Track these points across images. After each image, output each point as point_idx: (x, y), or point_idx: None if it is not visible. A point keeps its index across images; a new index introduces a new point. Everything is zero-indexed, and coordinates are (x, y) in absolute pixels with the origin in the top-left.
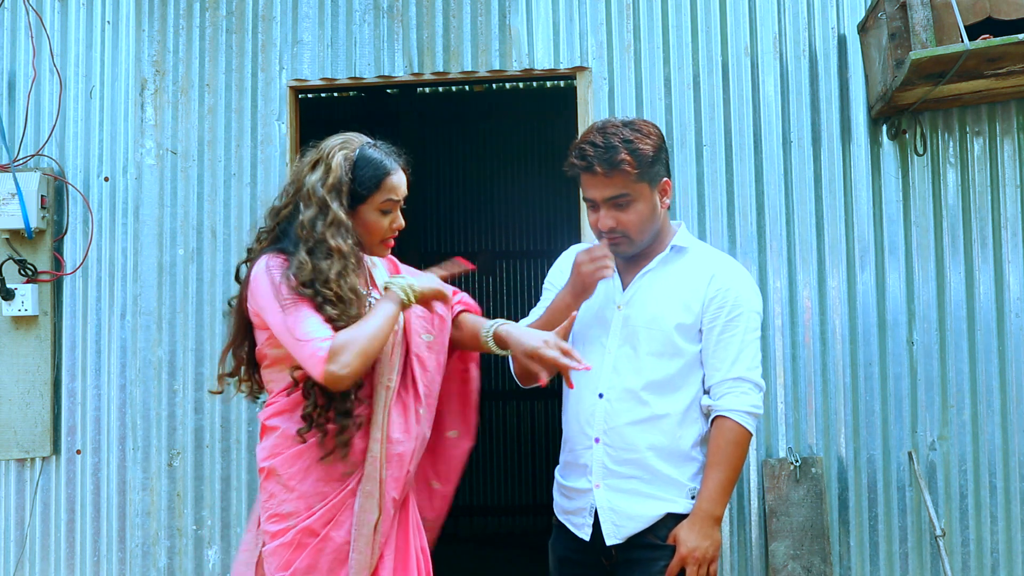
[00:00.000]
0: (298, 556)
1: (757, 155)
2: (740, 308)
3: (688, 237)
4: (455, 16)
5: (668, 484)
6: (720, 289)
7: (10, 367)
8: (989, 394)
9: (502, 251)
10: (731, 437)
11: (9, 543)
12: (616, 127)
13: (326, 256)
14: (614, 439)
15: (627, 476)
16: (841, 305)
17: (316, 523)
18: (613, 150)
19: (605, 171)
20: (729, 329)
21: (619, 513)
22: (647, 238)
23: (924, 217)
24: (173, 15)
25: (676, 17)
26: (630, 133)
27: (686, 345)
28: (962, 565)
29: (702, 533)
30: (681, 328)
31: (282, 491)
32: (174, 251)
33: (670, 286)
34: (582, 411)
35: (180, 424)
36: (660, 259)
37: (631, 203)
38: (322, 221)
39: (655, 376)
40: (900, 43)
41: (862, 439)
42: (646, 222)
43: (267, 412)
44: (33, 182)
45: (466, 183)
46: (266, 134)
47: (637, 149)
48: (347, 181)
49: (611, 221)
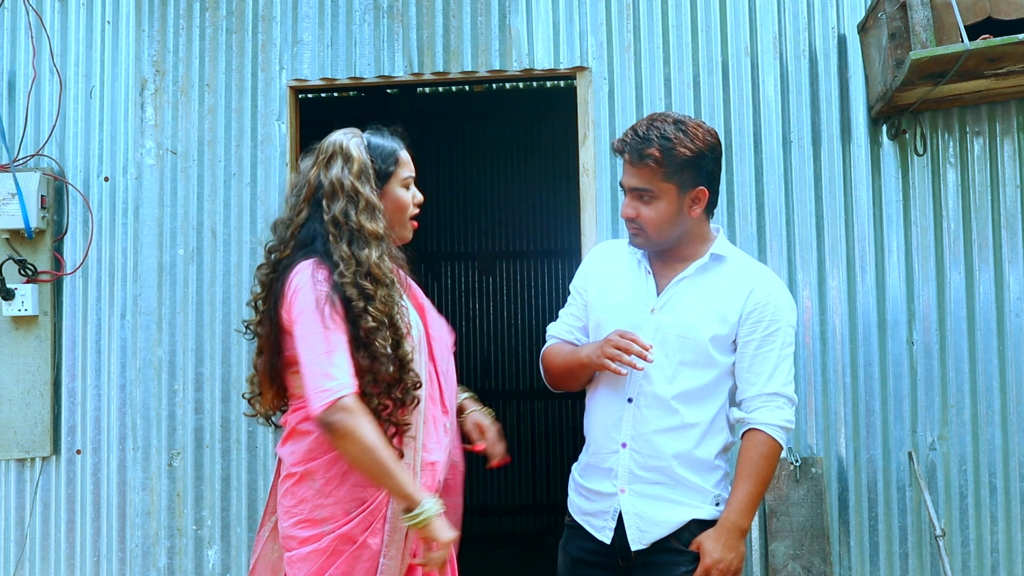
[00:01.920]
0: (333, 563)
1: (757, 155)
2: (778, 323)
3: (727, 245)
4: (455, 16)
5: (693, 490)
6: (759, 304)
7: (10, 367)
8: (989, 394)
9: (502, 251)
10: (763, 451)
11: (9, 543)
12: (664, 121)
13: (365, 244)
14: (642, 445)
15: (653, 482)
16: (841, 305)
17: (354, 529)
18: (647, 143)
19: (633, 160)
20: (766, 344)
21: (645, 519)
22: (667, 239)
23: (924, 217)
24: (173, 15)
25: (676, 17)
26: (673, 132)
27: (720, 357)
28: (962, 565)
29: (727, 545)
30: (716, 340)
31: (316, 496)
32: (174, 251)
33: (707, 296)
34: (610, 415)
35: (180, 424)
36: (698, 267)
37: (653, 199)
38: (355, 209)
39: (688, 386)
40: (900, 43)
41: (862, 439)
42: (665, 223)
43: (299, 416)
44: (33, 182)
45: (466, 183)
46: (266, 134)
47: (672, 149)
48: (370, 163)
49: (632, 212)
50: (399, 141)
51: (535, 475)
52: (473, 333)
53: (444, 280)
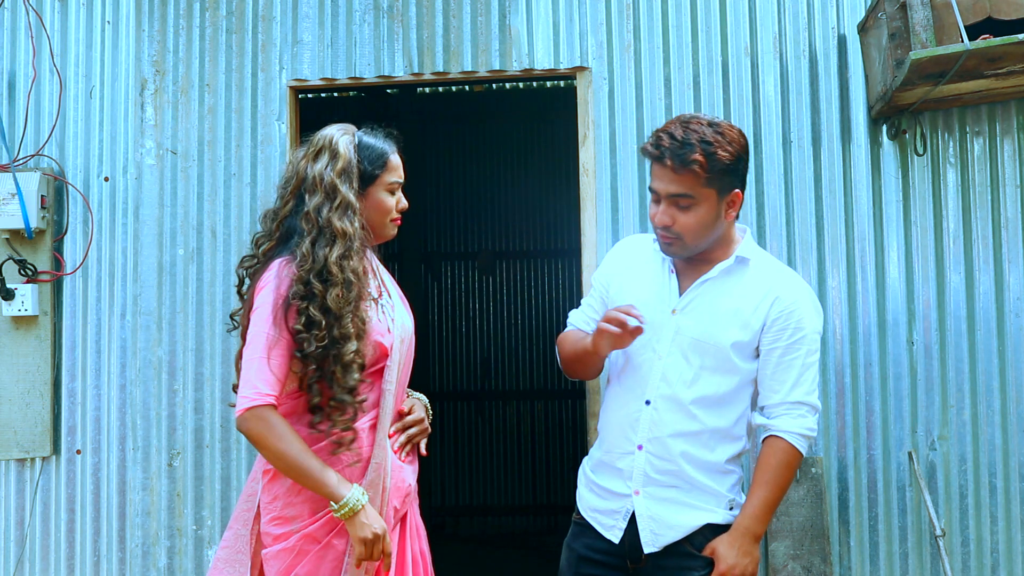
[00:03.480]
0: (299, 562)
1: (757, 155)
2: (803, 331)
3: (752, 247)
4: (455, 16)
5: (707, 494)
6: (784, 311)
7: (10, 367)
8: (989, 394)
9: (502, 251)
10: (783, 458)
11: (9, 543)
12: (700, 124)
13: (329, 242)
14: (658, 448)
15: (667, 485)
16: (841, 305)
17: (319, 530)
18: (689, 148)
19: (675, 166)
20: (791, 352)
21: (659, 522)
22: (702, 244)
23: (924, 217)
24: (173, 15)
25: (676, 17)
26: (712, 135)
27: (742, 363)
28: (962, 565)
29: (742, 550)
30: (737, 346)
31: (288, 493)
32: (174, 251)
33: (730, 300)
34: (627, 415)
35: (180, 424)
36: (722, 269)
37: (693, 206)
38: (328, 206)
39: (708, 392)
40: (900, 43)
41: (862, 439)
42: (704, 229)
43: None
44: (33, 182)
45: (466, 183)
46: (266, 134)
47: (714, 153)
48: (356, 163)
49: (668, 219)
50: (392, 144)
51: (535, 475)
52: (473, 333)
53: (444, 280)
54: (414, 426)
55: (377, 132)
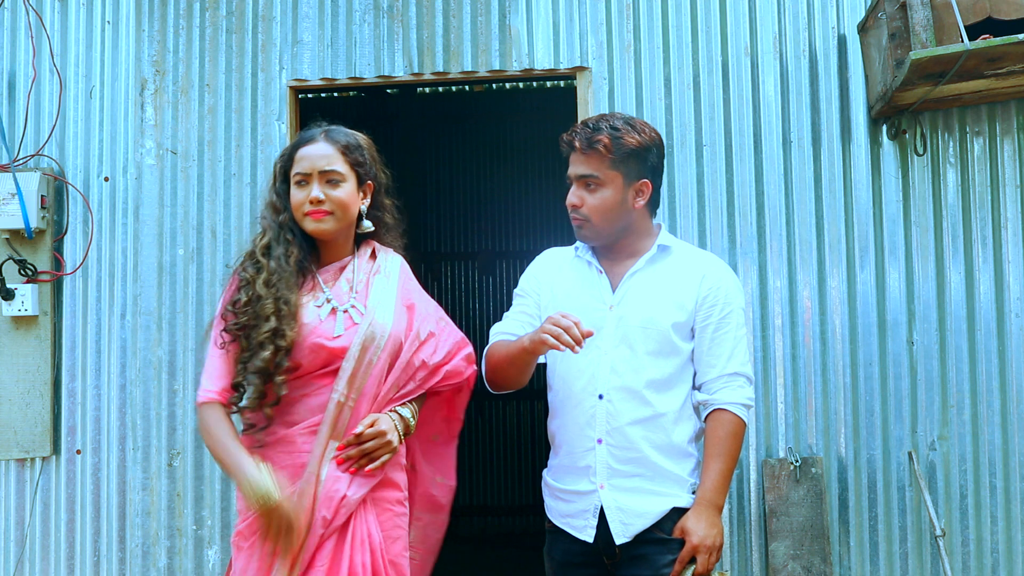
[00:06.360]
0: (236, 557)
1: (757, 155)
2: (731, 305)
3: (670, 237)
4: (455, 16)
5: (670, 479)
6: (712, 288)
7: (10, 367)
8: (989, 394)
9: (502, 251)
10: (730, 429)
11: (9, 543)
12: (613, 117)
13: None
14: (618, 439)
15: (631, 475)
16: (841, 305)
17: (246, 529)
18: (596, 131)
19: (582, 147)
20: (723, 327)
21: (627, 512)
22: (612, 230)
23: (924, 217)
24: (173, 15)
25: (676, 17)
26: (621, 124)
27: (682, 343)
28: (962, 565)
29: (709, 522)
30: (677, 327)
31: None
32: (174, 251)
33: (662, 285)
34: (582, 413)
35: (180, 424)
36: (647, 258)
37: (599, 187)
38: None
39: (655, 375)
40: (900, 43)
41: (862, 439)
42: (609, 212)
43: None
44: (33, 182)
45: (466, 183)
46: (266, 134)
47: (620, 138)
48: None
49: (576, 199)
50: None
51: (535, 475)
52: (473, 333)
53: (444, 280)
54: (371, 440)
55: (327, 127)
